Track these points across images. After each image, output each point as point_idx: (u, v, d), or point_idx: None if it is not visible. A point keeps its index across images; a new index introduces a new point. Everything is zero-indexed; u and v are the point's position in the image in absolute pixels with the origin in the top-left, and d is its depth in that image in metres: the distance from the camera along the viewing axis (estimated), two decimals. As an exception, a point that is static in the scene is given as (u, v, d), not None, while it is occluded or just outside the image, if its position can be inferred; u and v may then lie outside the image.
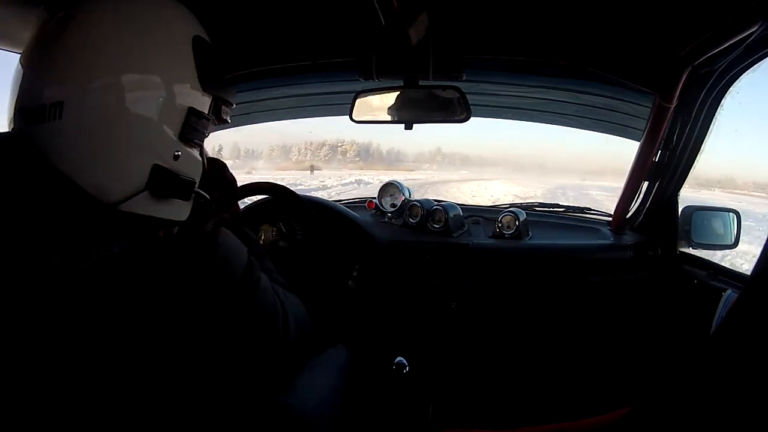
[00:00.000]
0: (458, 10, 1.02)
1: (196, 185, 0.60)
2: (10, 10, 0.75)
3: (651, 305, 1.32)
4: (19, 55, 0.56)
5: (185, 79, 0.56)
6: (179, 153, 0.56)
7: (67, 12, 0.52)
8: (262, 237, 1.27)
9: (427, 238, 1.37)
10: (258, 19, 1.08)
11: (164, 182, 0.55)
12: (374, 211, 1.53)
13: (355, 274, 1.27)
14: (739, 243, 1.26)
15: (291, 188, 1.17)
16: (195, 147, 0.59)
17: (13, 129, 0.54)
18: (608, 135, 1.75)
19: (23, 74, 0.53)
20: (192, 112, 0.57)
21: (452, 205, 1.46)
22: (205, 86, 0.58)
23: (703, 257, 1.27)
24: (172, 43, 0.56)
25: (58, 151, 0.50)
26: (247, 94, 1.63)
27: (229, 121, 0.65)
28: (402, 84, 1.15)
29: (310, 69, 1.38)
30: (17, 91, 0.53)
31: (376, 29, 0.92)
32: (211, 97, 0.59)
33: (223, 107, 0.62)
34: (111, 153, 0.52)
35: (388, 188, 1.53)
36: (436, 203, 1.45)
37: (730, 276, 1.12)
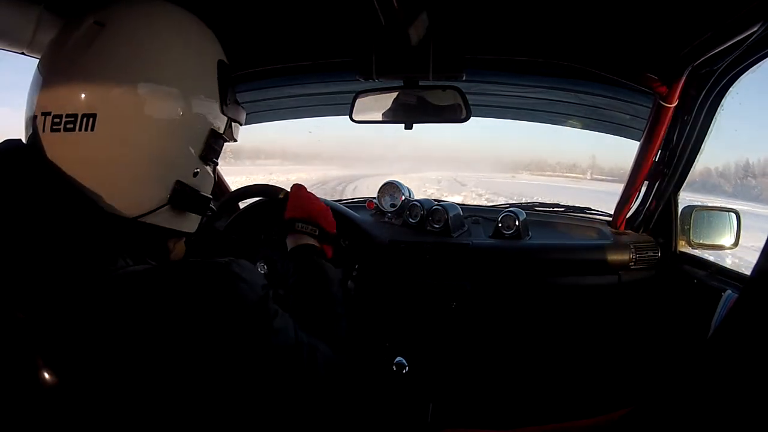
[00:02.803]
0: (458, 9, 1.02)
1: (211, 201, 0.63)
2: (10, 10, 0.75)
3: (650, 305, 1.32)
4: (40, 58, 0.55)
5: (210, 102, 0.58)
6: (198, 170, 0.59)
7: (96, 20, 0.52)
8: (263, 236, 1.26)
9: (427, 238, 1.37)
10: (258, 19, 1.08)
11: (185, 198, 0.58)
12: (374, 211, 1.53)
13: (354, 273, 1.27)
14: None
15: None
16: (211, 165, 0.62)
17: (31, 133, 0.53)
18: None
19: (45, 79, 0.52)
20: (213, 134, 0.59)
21: (452, 205, 1.46)
22: (224, 109, 0.60)
23: (703, 257, 1.27)
24: (203, 67, 0.58)
25: (81, 162, 0.51)
26: (247, 94, 1.63)
27: (237, 140, 0.67)
28: (402, 84, 1.15)
29: (310, 69, 1.38)
30: (38, 94, 0.52)
31: (376, 29, 0.92)
32: (227, 118, 0.62)
33: (233, 126, 0.64)
34: (139, 168, 0.53)
35: (388, 188, 1.53)
36: (436, 203, 1.45)
37: (730, 276, 1.12)
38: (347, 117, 1.21)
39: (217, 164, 0.64)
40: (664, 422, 0.45)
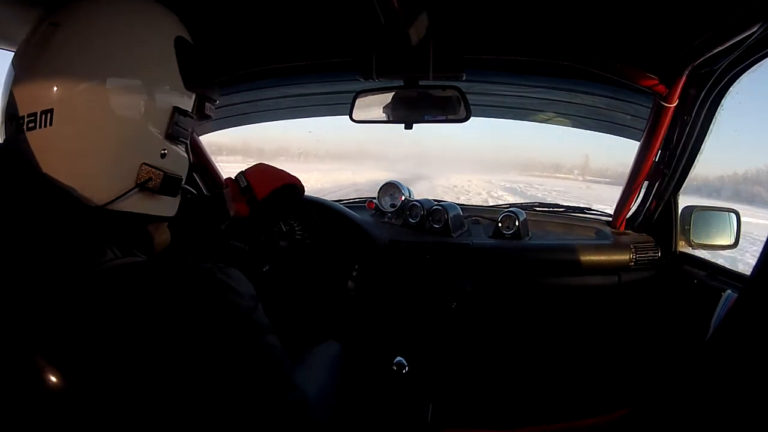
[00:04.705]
0: (458, 9, 1.02)
1: (183, 181, 0.62)
2: (10, 10, 0.75)
3: (651, 305, 1.32)
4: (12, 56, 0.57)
5: (169, 80, 0.58)
6: (166, 151, 0.59)
7: (52, 21, 0.54)
8: (262, 236, 1.26)
9: (426, 238, 1.37)
10: (258, 18, 1.08)
11: (153, 180, 0.57)
12: (374, 211, 1.53)
13: (354, 274, 1.27)
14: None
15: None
16: (180, 144, 0.61)
17: (4, 138, 0.55)
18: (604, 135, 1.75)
19: (14, 80, 0.54)
20: (177, 111, 0.59)
21: (452, 205, 1.46)
22: (189, 86, 0.60)
23: (703, 257, 1.27)
24: (154, 46, 0.58)
25: (49, 157, 0.52)
26: (247, 94, 1.63)
27: (212, 116, 0.67)
28: (402, 84, 1.15)
29: (309, 69, 1.38)
30: (7, 98, 0.54)
31: (376, 29, 0.92)
32: (194, 96, 0.61)
33: (206, 104, 0.64)
34: (100, 155, 0.54)
35: (388, 188, 1.53)
36: (436, 203, 1.45)
37: (730, 276, 1.12)
38: (340, 117, 1.21)
39: (187, 143, 0.63)
40: (664, 422, 0.45)
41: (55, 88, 0.52)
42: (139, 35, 0.56)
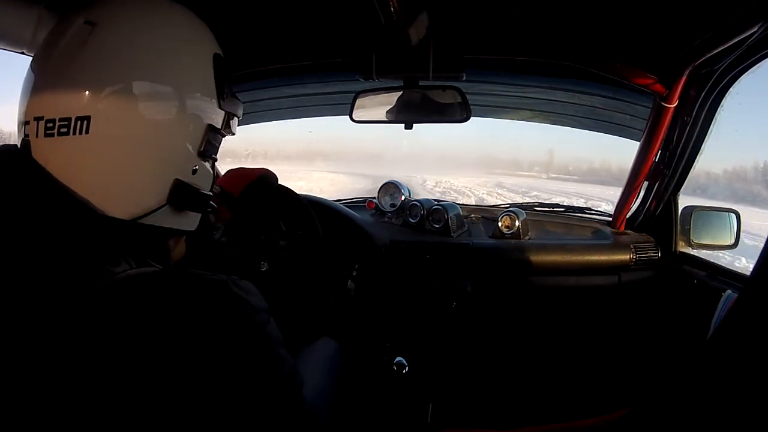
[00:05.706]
0: (458, 9, 1.02)
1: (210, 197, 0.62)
2: (10, 10, 0.75)
3: (651, 305, 1.33)
4: (31, 59, 0.54)
5: (207, 97, 0.57)
6: (197, 168, 0.58)
7: (87, 20, 0.51)
8: (262, 236, 1.26)
9: (427, 238, 1.37)
10: (258, 19, 1.08)
11: (184, 196, 0.56)
12: (374, 210, 1.53)
13: (354, 274, 1.27)
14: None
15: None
16: (208, 161, 0.61)
17: (24, 138, 0.51)
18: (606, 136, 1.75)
19: (38, 80, 0.51)
20: (211, 129, 0.58)
21: (452, 205, 1.46)
22: (221, 103, 0.59)
23: (703, 257, 1.27)
24: (198, 62, 0.56)
25: (77, 166, 0.50)
26: (247, 94, 1.63)
27: (235, 133, 0.66)
28: (402, 84, 1.15)
29: (310, 69, 1.39)
30: (29, 98, 0.51)
31: (376, 29, 0.92)
32: (224, 112, 0.60)
33: (231, 120, 0.63)
34: (137, 169, 0.52)
35: (388, 188, 1.53)
36: (436, 203, 1.45)
37: (730, 276, 1.12)
38: (341, 117, 1.22)
39: (215, 160, 0.63)
40: (664, 422, 0.45)
41: (95, 94, 0.49)
42: (183, 46, 0.55)
